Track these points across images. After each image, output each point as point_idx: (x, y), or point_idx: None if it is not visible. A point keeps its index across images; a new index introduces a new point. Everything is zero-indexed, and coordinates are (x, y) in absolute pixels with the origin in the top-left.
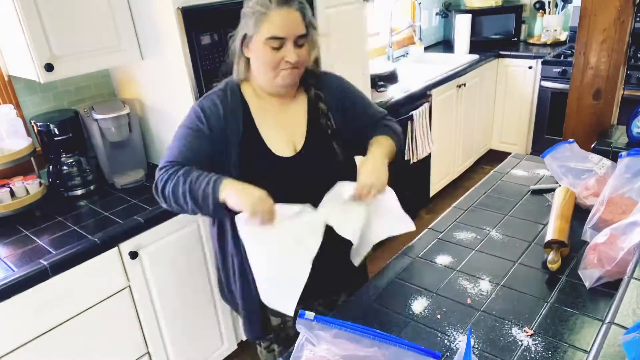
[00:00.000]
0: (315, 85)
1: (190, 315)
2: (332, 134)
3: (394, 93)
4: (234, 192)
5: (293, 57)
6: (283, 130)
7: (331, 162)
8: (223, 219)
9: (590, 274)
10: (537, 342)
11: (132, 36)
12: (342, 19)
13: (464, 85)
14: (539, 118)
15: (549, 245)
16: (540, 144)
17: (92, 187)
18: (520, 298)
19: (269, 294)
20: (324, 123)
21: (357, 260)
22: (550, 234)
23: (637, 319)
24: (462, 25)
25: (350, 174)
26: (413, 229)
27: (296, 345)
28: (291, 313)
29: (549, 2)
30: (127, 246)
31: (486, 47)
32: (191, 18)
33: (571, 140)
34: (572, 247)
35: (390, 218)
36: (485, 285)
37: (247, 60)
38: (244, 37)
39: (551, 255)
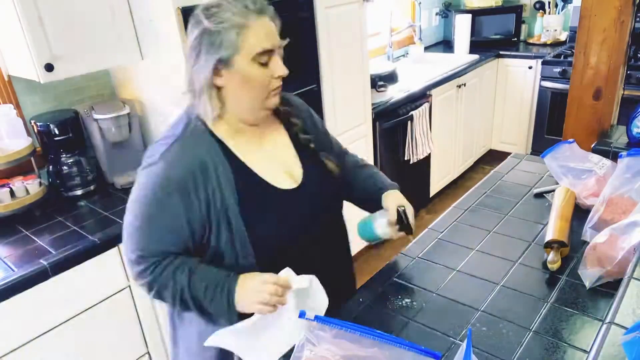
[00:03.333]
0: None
1: None
2: (315, 148)
3: (394, 93)
4: (245, 302)
5: (284, 69)
6: (275, 161)
7: (331, 183)
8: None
9: (590, 274)
10: (537, 342)
11: (132, 36)
12: (342, 19)
13: (464, 85)
14: (539, 118)
15: (549, 245)
16: (540, 144)
17: (92, 187)
18: (520, 298)
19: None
20: (304, 139)
21: None
22: (550, 234)
23: (637, 319)
24: (462, 25)
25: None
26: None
27: (296, 345)
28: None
29: (549, 2)
30: None
31: (486, 47)
32: None
33: (571, 140)
34: (572, 247)
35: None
36: (485, 285)
37: (219, 91)
38: (218, 61)
39: (551, 255)
